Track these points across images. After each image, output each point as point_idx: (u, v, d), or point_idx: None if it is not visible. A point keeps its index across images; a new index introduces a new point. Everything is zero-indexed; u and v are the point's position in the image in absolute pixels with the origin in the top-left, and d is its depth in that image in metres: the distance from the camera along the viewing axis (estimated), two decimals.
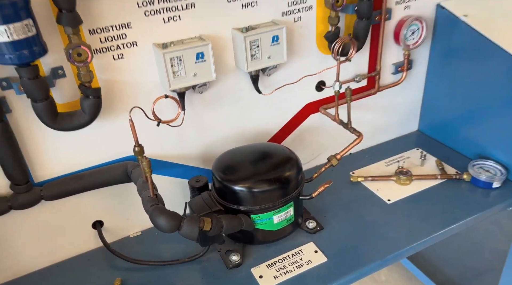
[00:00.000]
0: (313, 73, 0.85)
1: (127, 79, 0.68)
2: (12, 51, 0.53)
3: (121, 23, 0.64)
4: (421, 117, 1.07)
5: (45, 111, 0.60)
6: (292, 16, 0.77)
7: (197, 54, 0.68)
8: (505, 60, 0.79)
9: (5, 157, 0.62)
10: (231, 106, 0.79)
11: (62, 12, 0.56)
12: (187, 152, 0.79)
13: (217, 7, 0.70)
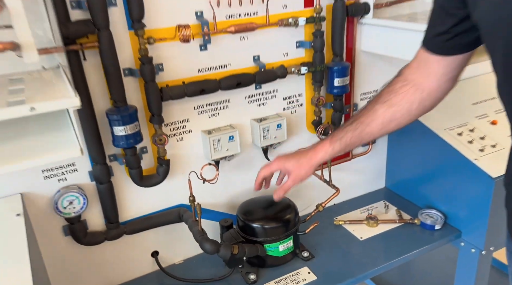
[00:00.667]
0: (305, 147, 1.22)
1: (184, 153, 1.04)
2: (125, 141, 0.89)
3: (183, 119, 1.01)
4: (386, 177, 1.43)
5: (136, 175, 0.95)
6: (290, 110, 1.16)
7: (229, 136, 1.05)
8: (435, 139, 1.17)
9: (107, 204, 0.95)
10: (249, 169, 1.15)
11: (153, 116, 0.93)
12: (218, 201, 1.14)
13: (242, 107, 1.08)
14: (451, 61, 0.74)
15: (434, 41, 0.74)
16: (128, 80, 0.90)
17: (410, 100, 0.80)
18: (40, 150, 0.67)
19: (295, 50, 1.09)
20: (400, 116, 0.83)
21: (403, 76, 0.82)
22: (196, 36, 0.93)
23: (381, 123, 0.84)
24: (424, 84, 0.79)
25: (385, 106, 0.82)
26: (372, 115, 0.84)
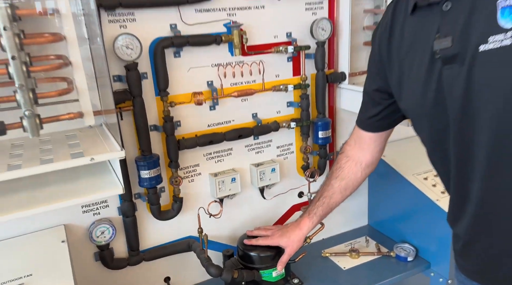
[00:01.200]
0: (296, 187, 1.44)
1: (195, 192, 1.26)
2: (149, 182, 1.11)
3: (194, 164, 1.24)
4: (368, 216, 1.63)
5: (156, 210, 1.16)
6: (282, 157, 1.39)
7: (232, 178, 1.27)
8: (405, 183, 1.38)
9: (130, 234, 1.16)
10: (248, 206, 1.36)
11: (171, 162, 1.17)
12: (222, 234, 1.33)
13: (242, 154, 1.31)
14: (381, 135, 1.01)
15: (366, 122, 0.99)
16: (153, 134, 1.14)
17: (353, 171, 1.07)
18: (85, 190, 0.89)
19: (286, 109, 1.34)
20: (351, 184, 1.09)
21: (345, 153, 1.09)
22: (207, 99, 1.19)
23: (339, 193, 1.10)
24: (361, 158, 1.06)
25: (338, 180, 1.09)
26: (331, 189, 1.11)
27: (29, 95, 0.76)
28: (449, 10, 0.68)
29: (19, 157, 0.86)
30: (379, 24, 0.88)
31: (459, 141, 0.73)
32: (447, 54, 0.68)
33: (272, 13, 1.21)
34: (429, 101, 0.75)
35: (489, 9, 0.62)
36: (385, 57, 0.85)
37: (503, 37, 0.61)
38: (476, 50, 0.64)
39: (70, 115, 0.85)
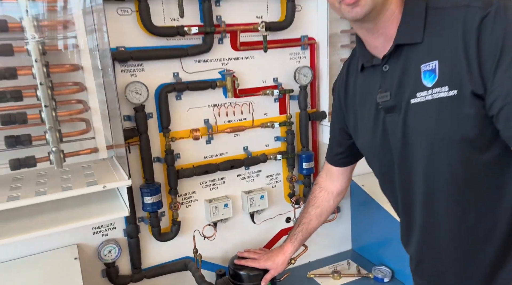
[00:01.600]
0: (283, 213, 1.59)
1: (191, 217, 1.42)
2: (151, 207, 1.28)
3: (191, 191, 1.41)
4: (352, 241, 1.77)
5: (156, 232, 1.32)
6: (271, 185, 1.56)
7: (224, 204, 1.43)
8: (382, 211, 1.53)
9: (134, 254, 1.31)
10: (239, 230, 1.51)
11: (171, 189, 1.33)
12: (215, 255, 1.48)
13: (234, 182, 1.48)
14: (346, 169, 1.19)
15: (334, 159, 1.18)
16: (156, 165, 1.32)
17: (326, 200, 1.24)
18: (97, 213, 1.06)
19: (273, 142, 1.52)
20: (325, 211, 1.26)
21: (319, 184, 1.26)
22: (203, 135, 1.37)
23: (316, 219, 1.26)
24: (332, 188, 1.23)
25: (314, 208, 1.26)
26: (309, 216, 1.27)
27: (56, 135, 0.95)
28: (387, 71, 0.85)
29: (44, 185, 1.03)
30: (338, 77, 1.07)
31: (402, 176, 0.90)
32: (387, 105, 0.86)
33: (260, 62, 1.42)
34: (378, 142, 0.92)
35: (416, 71, 0.80)
36: (343, 105, 1.03)
37: (426, 93, 0.79)
38: (408, 102, 0.82)
39: (88, 150, 1.03)
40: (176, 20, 1.26)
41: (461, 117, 0.76)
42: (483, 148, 0.78)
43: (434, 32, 0.78)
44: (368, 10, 0.78)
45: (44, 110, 0.92)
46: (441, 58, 0.76)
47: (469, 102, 0.74)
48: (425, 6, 0.80)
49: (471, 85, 0.73)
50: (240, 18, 1.34)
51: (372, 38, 0.86)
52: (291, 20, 1.38)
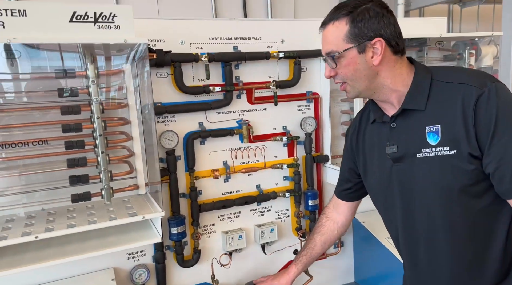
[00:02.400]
0: (291, 245, 1.78)
1: (210, 246, 1.62)
2: (176, 236, 1.49)
3: (211, 223, 1.62)
4: (355, 273, 1.92)
5: (180, 259, 1.52)
6: (280, 220, 1.76)
7: (239, 235, 1.63)
8: (380, 246, 1.70)
9: (160, 278, 1.51)
10: (252, 259, 1.70)
11: (194, 221, 1.55)
12: (230, 281, 1.66)
13: (248, 216, 1.69)
14: (352, 203, 1.35)
15: (342, 193, 1.35)
16: (182, 199, 1.55)
17: (331, 229, 1.36)
18: (134, 239, 1.27)
19: (282, 181, 1.74)
20: (329, 239, 1.38)
21: (326, 214, 1.39)
22: (222, 174, 1.61)
23: (320, 246, 1.37)
24: (337, 219, 1.37)
25: (319, 235, 1.38)
26: (314, 242, 1.38)
27: (108, 175, 1.20)
28: (395, 128, 1.03)
29: (93, 215, 1.26)
30: (351, 125, 1.23)
31: (405, 216, 1.07)
32: (395, 156, 1.03)
33: (271, 113, 1.67)
34: (384, 185, 1.09)
35: (421, 131, 0.98)
36: (355, 149, 1.19)
37: (430, 150, 0.97)
38: (415, 155, 0.99)
39: (131, 188, 1.27)
40: (203, 81, 1.53)
41: (460, 171, 0.94)
42: (478, 196, 0.96)
43: (436, 101, 0.97)
44: (354, 96, 1.02)
45: (101, 156, 1.17)
46: (443, 123, 0.95)
47: (466, 160, 0.93)
48: (430, 78, 0.99)
49: (468, 148, 0.92)
50: (255, 77, 1.62)
51: (380, 103, 1.06)
52: (298, 79, 1.65)
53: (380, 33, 0.97)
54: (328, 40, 1.00)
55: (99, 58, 1.22)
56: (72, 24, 1.09)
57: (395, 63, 1.00)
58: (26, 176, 1.26)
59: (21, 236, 1.11)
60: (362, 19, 0.97)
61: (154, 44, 1.41)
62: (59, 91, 1.17)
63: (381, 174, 1.09)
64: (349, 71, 0.99)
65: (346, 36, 0.97)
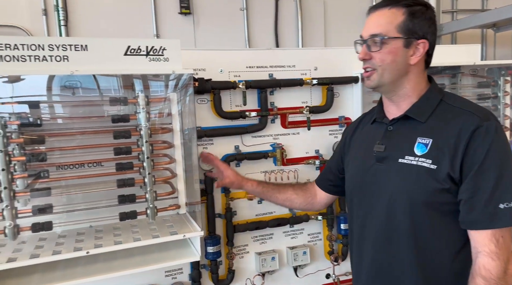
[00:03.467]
0: (323, 269, 1.79)
1: (243, 266, 1.65)
2: (212, 256, 1.54)
3: (244, 244, 1.66)
4: None
5: (215, 279, 1.56)
6: (312, 243, 1.78)
7: (272, 257, 1.66)
8: None
9: None
10: (284, 282, 1.71)
11: (228, 241, 1.60)
12: None
13: (281, 238, 1.72)
14: (329, 196, 1.38)
15: (323, 183, 1.37)
16: (217, 220, 1.61)
17: (306, 197, 1.40)
18: (175, 256, 1.34)
19: None
20: (295, 203, 1.40)
21: (312, 185, 1.41)
22: (256, 196, 1.66)
23: (284, 197, 1.40)
24: (314, 198, 1.40)
25: (294, 191, 1.40)
26: (285, 190, 1.41)
27: (153, 195, 1.28)
28: (391, 131, 1.10)
29: (137, 233, 1.34)
30: (352, 123, 1.32)
31: (367, 211, 1.13)
32: (379, 156, 1.09)
33: (304, 137, 1.73)
34: (360, 180, 1.15)
35: (412, 140, 1.04)
36: (347, 145, 1.26)
37: (413, 158, 1.02)
38: (397, 160, 1.05)
39: (173, 207, 1.35)
40: (240, 106, 1.62)
41: (432, 186, 0.98)
42: (438, 215, 1.01)
43: (437, 119, 1.03)
44: (375, 86, 1.06)
45: (147, 177, 1.26)
46: (435, 139, 1.00)
47: (442, 178, 0.97)
48: (440, 99, 1.06)
49: (449, 169, 0.97)
50: (289, 103, 1.69)
51: (388, 103, 1.12)
52: (330, 104, 1.71)
53: (427, 36, 1.03)
54: (379, 22, 1.04)
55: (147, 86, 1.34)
56: (127, 57, 1.21)
57: (421, 72, 1.07)
58: (75, 195, 1.36)
59: (73, 251, 1.19)
60: (419, 17, 1.02)
61: (196, 73, 1.52)
62: (113, 117, 1.27)
63: (361, 169, 1.14)
64: (387, 60, 1.03)
65: (399, 25, 1.02)
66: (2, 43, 1.11)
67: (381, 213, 1.08)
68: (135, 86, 1.30)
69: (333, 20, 3.31)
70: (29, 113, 1.24)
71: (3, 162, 1.12)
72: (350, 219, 1.23)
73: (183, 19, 2.96)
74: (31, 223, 1.22)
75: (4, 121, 1.13)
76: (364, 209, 1.14)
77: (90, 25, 2.75)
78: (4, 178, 1.12)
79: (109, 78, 1.33)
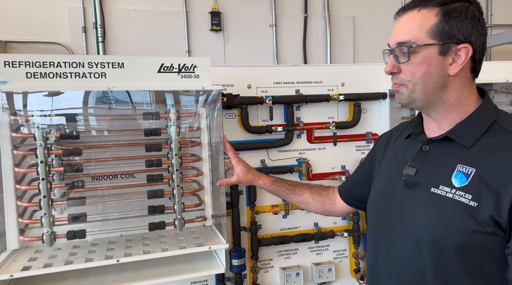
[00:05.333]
0: None
1: (268, 281, 1.65)
2: (237, 268, 1.55)
3: (269, 258, 1.66)
4: None
5: None
6: (338, 260, 1.75)
7: (296, 273, 1.65)
8: None
9: None
10: None
11: (253, 255, 1.61)
12: None
13: (305, 254, 1.71)
14: (348, 208, 1.27)
15: (346, 193, 1.25)
16: (242, 233, 1.62)
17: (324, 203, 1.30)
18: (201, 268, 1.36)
19: (341, 221, 1.75)
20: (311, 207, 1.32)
21: (333, 192, 1.31)
22: (281, 210, 1.67)
23: (299, 200, 1.32)
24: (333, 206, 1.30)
25: (311, 195, 1.30)
26: (302, 192, 1.31)
27: (181, 206, 1.31)
28: (426, 151, 0.91)
29: (165, 243, 1.38)
30: (388, 131, 1.15)
31: (388, 245, 0.96)
32: (409, 180, 0.91)
33: (330, 152, 1.72)
34: (384, 205, 0.97)
35: (451, 166, 0.85)
36: (378, 157, 1.10)
37: (449, 190, 0.83)
38: (429, 189, 0.86)
39: (200, 219, 1.38)
40: (266, 121, 1.64)
41: (470, 226, 0.78)
42: (481, 260, 0.80)
43: (487, 145, 0.83)
44: (406, 103, 0.89)
45: (176, 189, 1.30)
46: (480, 170, 0.80)
47: (483, 220, 0.77)
48: (493, 120, 0.85)
49: (493, 211, 0.76)
50: (315, 118, 1.70)
51: (427, 119, 0.95)
52: (357, 120, 1.70)
53: (470, 39, 0.84)
54: (407, 28, 0.86)
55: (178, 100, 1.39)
56: (160, 74, 1.27)
57: (466, 83, 0.88)
58: (108, 205, 1.42)
59: (105, 259, 1.24)
60: (457, 17, 0.83)
61: (225, 88, 1.56)
62: (145, 130, 1.33)
63: (387, 193, 0.97)
64: (419, 72, 0.86)
65: (432, 29, 0.84)
66: (47, 61, 1.19)
67: (404, 252, 0.90)
68: (167, 101, 1.36)
69: (362, 36, 3.31)
70: (67, 126, 1.32)
71: (44, 172, 1.19)
72: (370, 242, 1.05)
73: (214, 36, 3.06)
74: (66, 230, 1.28)
75: (45, 133, 1.21)
76: (386, 240, 0.97)
77: (126, 41, 2.90)
78: (44, 187, 1.20)
79: (143, 93, 1.39)
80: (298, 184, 1.36)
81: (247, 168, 1.35)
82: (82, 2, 2.79)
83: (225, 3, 3.05)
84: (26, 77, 1.17)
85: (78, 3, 2.78)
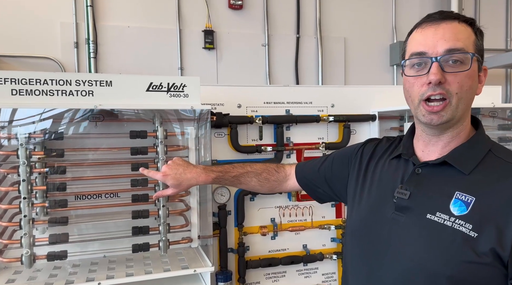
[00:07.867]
0: None
1: None
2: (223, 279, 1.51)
3: (256, 281, 1.63)
4: None
5: None
6: (327, 283, 1.72)
7: None
8: None
9: None
10: None
11: (240, 277, 1.57)
12: None
13: (293, 277, 1.67)
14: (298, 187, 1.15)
15: (303, 175, 1.12)
16: (230, 254, 1.59)
17: (272, 187, 1.19)
18: None
19: (330, 243, 1.73)
20: (258, 190, 1.20)
21: (284, 175, 1.18)
22: (269, 231, 1.64)
23: (246, 187, 1.19)
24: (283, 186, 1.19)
25: (259, 182, 1.16)
26: (247, 181, 1.16)
27: (166, 227, 1.28)
28: (419, 174, 0.84)
29: (149, 265, 1.34)
30: (373, 142, 1.02)
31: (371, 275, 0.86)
32: (401, 204, 0.83)
33: None
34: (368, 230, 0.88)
35: (449, 193, 0.79)
36: (357, 167, 0.98)
37: (447, 218, 0.77)
38: (424, 215, 0.79)
39: (186, 241, 1.35)
40: (256, 141, 1.64)
41: (468, 257, 0.74)
42: None
43: (485, 174, 0.79)
44: (446, 121, 0.79)
45: (162, 209, 1.28)
46: (480, 199, 0.76)
47: (482, 251, 0.73)
48: (488, 149, 0.82)
49: (495, 244, 0.72)
50: (305, 138, 1.69)
51: (426, 141, 0.86)
52: (347, 141, 1.70)
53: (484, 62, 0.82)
54: (458, 36, 0.78)
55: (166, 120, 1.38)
56: (148, 93, 1.26)
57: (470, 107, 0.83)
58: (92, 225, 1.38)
59: (86, 281, 1.20)
60: (482, 38, 0.82)
61: (215, 107, 1.56)
62: (132, 149, 1.31)
63: (374, 215, 0.88)
64: (466, 85, 0.78)
65: (475, 44, 0.79)
66: (33, 78, 1.18)
67: (391, 281, 0.82)
68: (155, 119, 1.35)
69: (354, 59, 3.36)
70: (52, 144, 1.29)
71: (25, 191, 1.16)
72: (346, 267, 0.97)
73: (207, 53, 3.07)
74: (47, 251, 1.24)
75: (29, 151, 1.19)
76: (369, 265, 0.87)
77: (118, 58, 2.90)
78: (25, 206, 1.16)
79: (131, 111, 1.38)
80: (243, 173, 1.17)
81: (178, 180, 1.12)
82: (75, 18, 2.80)
83: (218, 23, 3.08)
84: (12, 94, 1.16)
85: (71, 18, 2.79)
